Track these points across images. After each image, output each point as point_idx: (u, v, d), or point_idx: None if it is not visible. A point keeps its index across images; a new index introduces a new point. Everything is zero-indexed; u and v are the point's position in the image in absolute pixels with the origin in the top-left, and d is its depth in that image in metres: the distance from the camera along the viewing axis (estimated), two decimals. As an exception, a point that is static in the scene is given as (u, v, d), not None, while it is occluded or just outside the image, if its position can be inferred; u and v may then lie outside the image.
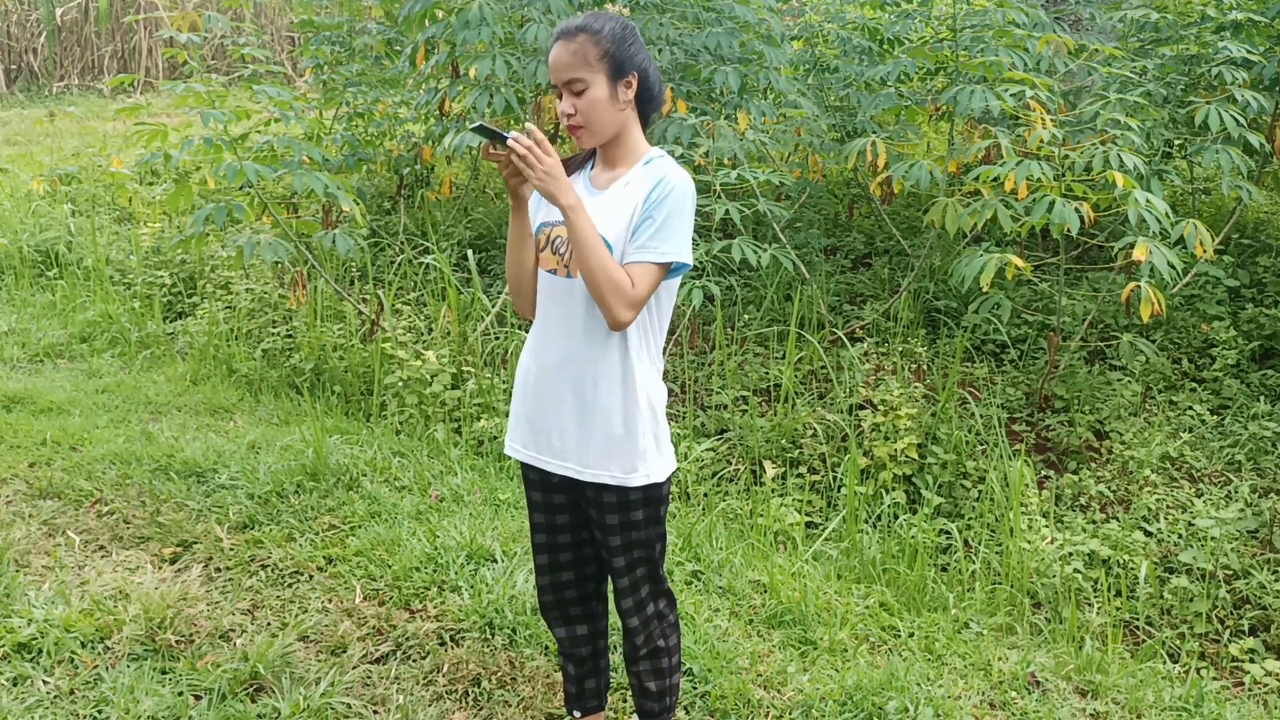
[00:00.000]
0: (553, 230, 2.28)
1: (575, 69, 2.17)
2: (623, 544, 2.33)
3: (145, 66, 18.42)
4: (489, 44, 5.42)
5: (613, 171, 2.29)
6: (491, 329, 5.45)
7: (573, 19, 2.22)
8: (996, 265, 4.42)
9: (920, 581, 3.67)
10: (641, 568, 2.37)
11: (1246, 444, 4.60)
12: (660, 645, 2.46)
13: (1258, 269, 5.99)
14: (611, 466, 2.26)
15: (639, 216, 2.19)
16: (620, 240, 2.20)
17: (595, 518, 2.35)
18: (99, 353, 5.92)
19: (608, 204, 2.24)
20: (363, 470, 4.18)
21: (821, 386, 5.19)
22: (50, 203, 8.41)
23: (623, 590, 2.40)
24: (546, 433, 2.31)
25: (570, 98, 2.19)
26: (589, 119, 2.20)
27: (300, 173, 4.98)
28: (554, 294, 2.28)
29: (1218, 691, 3.21)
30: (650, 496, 2.30)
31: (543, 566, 2.48)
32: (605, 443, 2.25)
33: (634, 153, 2.28)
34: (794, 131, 6.05)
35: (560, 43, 2.18)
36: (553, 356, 2.29)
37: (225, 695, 2.82)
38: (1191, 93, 5.77)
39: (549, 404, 2.30)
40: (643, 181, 2.22)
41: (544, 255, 2.29)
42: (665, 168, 2.23)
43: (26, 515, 3.83)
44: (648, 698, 2.51)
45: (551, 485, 2.39)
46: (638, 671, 2.49)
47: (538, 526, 2.45)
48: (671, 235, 2.15)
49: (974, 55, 5.41)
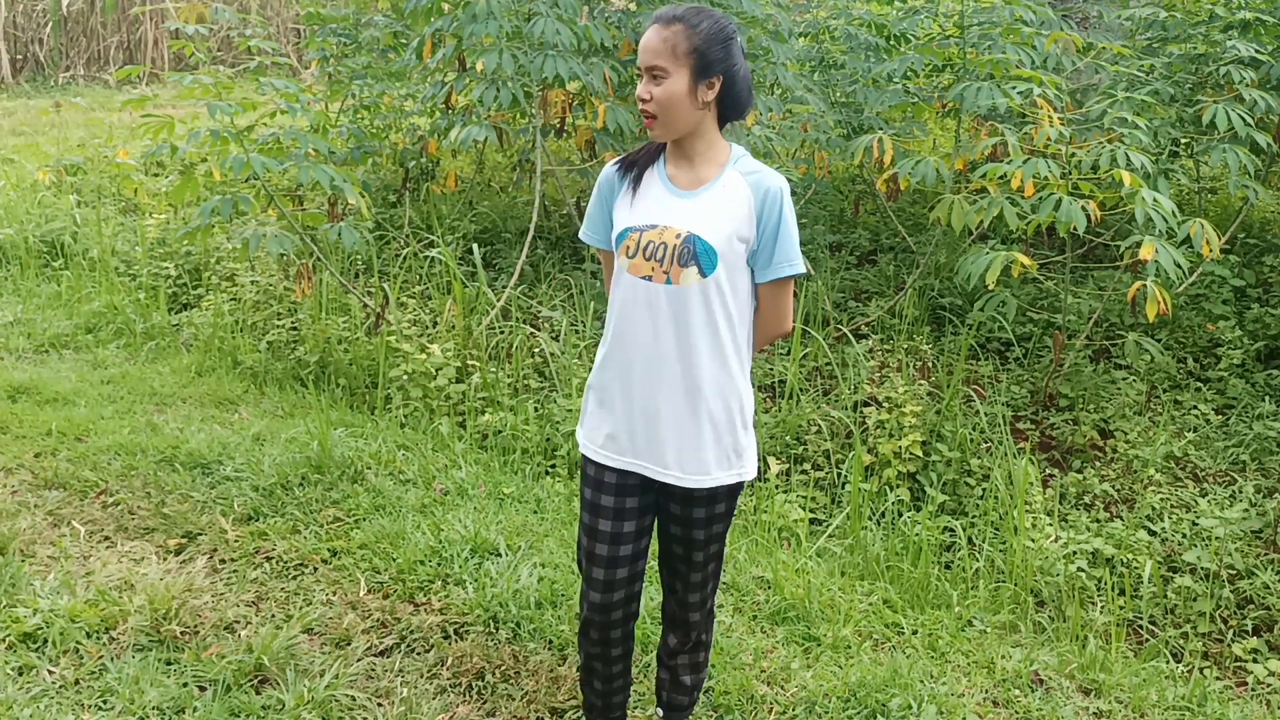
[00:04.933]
0: (643, 235, 2.20)
1: (661, 56, 2.13)
2: (705, 539, 2.36)
3: (151, 58, 18.42)
4: (496, 38, 5.42)
5: (694, 172, 2.23)
6: (496, 323, 5.45)
7: (676, 7, 2.17)
8: (1003, 263, 4.42)
9: (924, 579, 3.67)
10: (714, 563, 2.42)
11: (1251, 444, 4.59)
12: (704, 639, 2.52)
13: (1263, 269, 5.98)
14: (713, 469, 2.25)
15: (764, 230, 2.19)
16: (724, 246, 2.17)
17: (680, 515, 2.34)
18: (104, 344, 5.92)
19: (704, 208, 2.19)
20: (367, 463, 4.18)
21: (826, 383, 5.18)
22: (56, 193, 8.41)
23: (694, 585, 2.43)
24: (643, 439, 2.26)
25: (649, 84, 2.15)
26: (663, 110, 2.15)
27: (306, 165, 4.97)
28: (647, 300, 2.20)
29: (1221, 691, 3.21)
30: (736, 493, 2.34)
31: (597, 581, 2.37)
32: (708, 446, 2.24)
33: (716, 153, 2.23)
34: (800, 127, 6.05)
35: (656, 27, 2.14)
36: (646, 362, 2.23)
37: (230, 687, 2.82)
38: (1199, 92, 5.75)
39: (642, 410, 2.25)
40: (742, 186, 2.19)
41: (634, 261, 2.21)
42: (764, 173, 2.21)
43: (32, 505, 3.84)
44: (680, 691, 2.55)
45: (628, 490, 2.32)
46: (675, 665, 2.53)
47: (601, 535, 2.34)
48: (796, 243, 2.22)
49: (981, 52, 5.40)
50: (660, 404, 2.23)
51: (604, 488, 2.32)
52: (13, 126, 12.87)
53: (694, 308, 2.18)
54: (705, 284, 2.17)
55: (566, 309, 5.64)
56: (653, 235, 2.19)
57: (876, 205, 7.16)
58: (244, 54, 15.36)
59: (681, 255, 2.16)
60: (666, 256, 2.17)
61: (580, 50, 5.75)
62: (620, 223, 2.26)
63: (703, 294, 2.18)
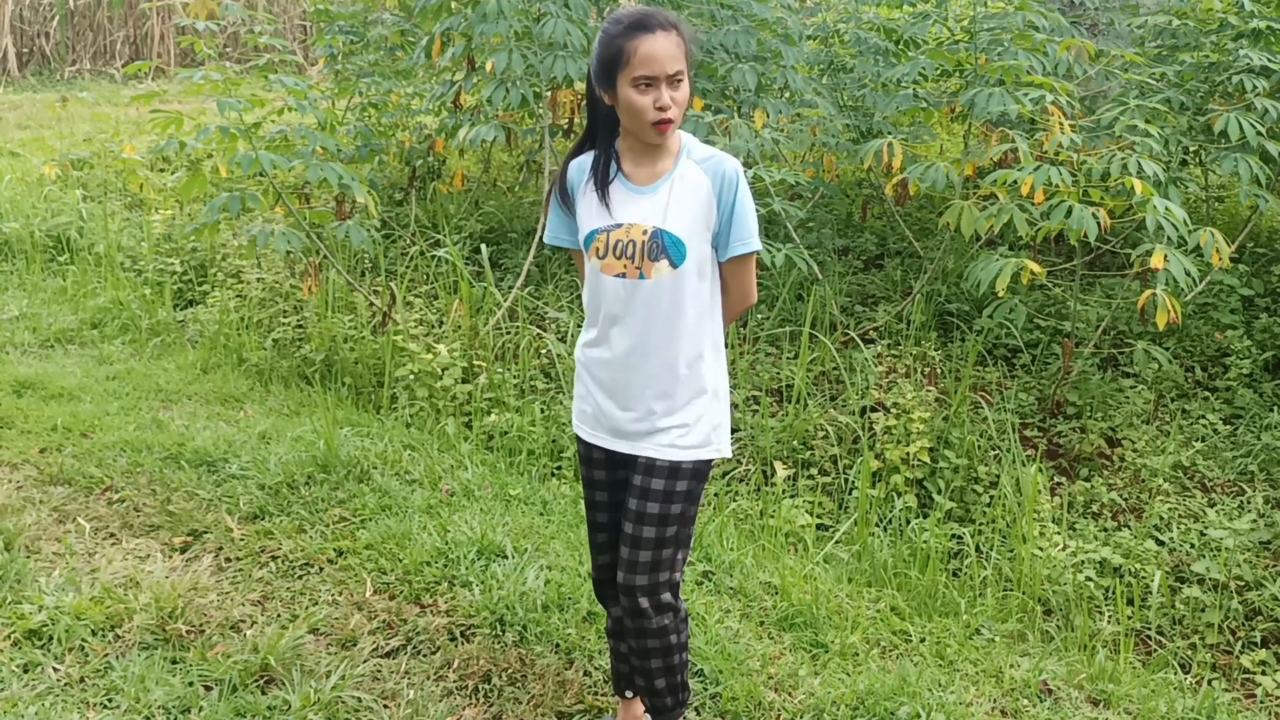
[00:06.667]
0: (610, 235, 2.29)
1: (680, 61, 2.18)
2: (659, 514, 2.36)
3: (157, 53, 18.43)
4: (505, 37, 5.40)
5: (652, 166, 2.30)
6: (503, 323, 5.43)
7: (658, 11, 2.20)
8: (1013, 270, 4.41)
9: (931, 586, 3.65)
10: (670, 548, 2.42)
11: (1259, 454, 4.58)
12: (654, 629, 2.46)
13: (1272, 278, 5.96)
14: (681, 442, 2.32)
15: (723, 212, 2.27)
16: (692, 236, 2.26)
17: (639, 485, 2.37)
18: (110, 339, 5.91)
19: (665, 202, 2.26)
20: (373, 463, 4.17)
21: (833, 388, 5.17)
22: (62, 188, 8.40)
23: (641, 565, 2.41)
24: (622, 420, 2.37)
25: (669, 90, 2.18)
26: (682, 113, 2.22)
27: (315, 163, 4.97)
28: (623, 296, 2.30)
29: (1230, 703, 3.20)
30: (701, 473, 2.38)
31: (602, 545, 2.53)
32: (680, 422, 2.32)
33: (671, 144, 2.30)
34: (809, 131, 6.03)
35: (662, 34, 2.16)
36: (626, 352, 2.33)
37: (236, 686, 2.81)
38: (1210, 100, 5.74)
39: (623, 394, 2.36)
40: (699, 175, 2.27)
41: (605, 261, 2.30)
42: (717, 157, 2.28)
43: (37, 501, 3.83)
44: (654, 695, 2.56)
45: (616, 463, 2.44)
46: (628, 651, 2.55)
47: (599, 505, 2.50)
48: (752, 221, 2.30)
49: (992, 58, 5.38)
50: (641, 386, 2.33)
51: (594, 463, 2.48)
52: (19, 120, 12.87)
53: (668, 298, 2.28)
54: (677, 274, 2.27)
55: (573, 310, 5.62)
56: (619, 234, 2.28)
57: (884, 209, 7.15)
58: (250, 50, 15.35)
59: (651, 250, 2.26)
60: (636, 253, 2.26)
61: (589, 51, 5.73)
62: (585, 225, 2.35)
63: (675, 284, 2.28)
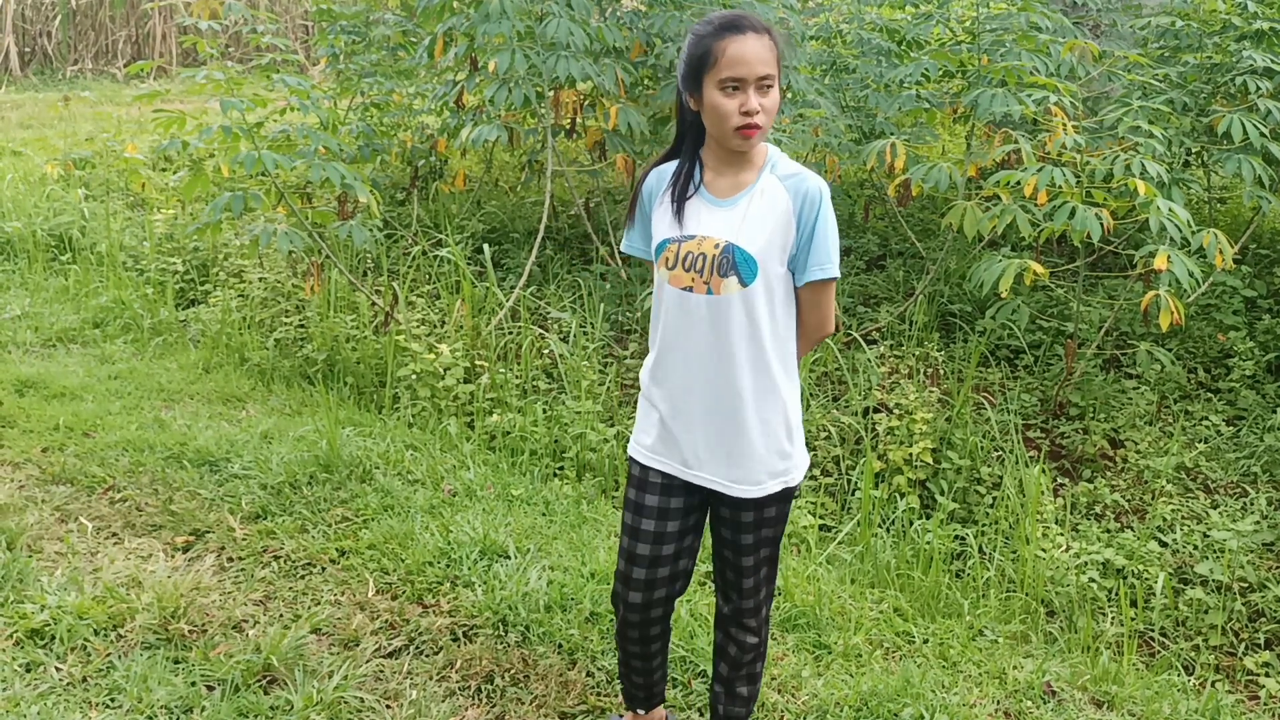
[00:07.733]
0: (681, 246, 2.20)
1: (771, 66, 2.10)
2: (754, 544, 2.34)
3: (159, 52, 18.43)
4: (508, 37, 5.40)
5: (734, 177, 2.21)
6: (505, 324, 5.43)
7: (746, 13, 2.13)
8: (1016, 270, 4.40)
9: (935, 587, 3.65)
10: (766, 568, 2.40)
11: (1263, 456, 4.57)
12: (761, 649, 2.49)
13: (1274, 279, 5.95)
14: (760, 476, 2.25)
15: (802, 233, 2.16)
16: (766, 254, 2.16)
17: (729, 519, 2.33)
18: (111, 338, 5.91)
19: (741, 217, 2.17)
20: (375, 463, 4.16)
21: (836, 388, 5.16)
22: (64, 187, 8.40)
23: (748, 591, 2.40)
24: (689, 446, 2.27)
25: (757, 95, 2.10)
26: (769, 119, 2.12)
27: (317, 163, 4.96)
28: (692, 311, 2.20)
29: (1233, 705, 3.19)
30: (787, 498, 2.32)
31: (638, 582, 2.39)
32: (754, 454, 2.24)
33: (756, 155, 2.21)
34: (812, 131, 6.02)
35: (753, 35, 2.09)
36: (690, 371, 2.24)
37: (238, 686, 2.81)
38: (1213, 101, 5.73)
39: (688, 418, 2.26)
40: (780, 192, 2.17)
41: (674, 273, 2.21)
42: (802, 175, 2.18)
43: (39, 500, 3.83)
44: (737, 703, 2.53)
45: (673, 491, 2.32)
46: (733, 679, 2.50)
47: (643, 535, 2.35)
48: (833, 246, 2.19)
49: (995, 59, 5.37)
50: (706, 413, 2.24)
51: (648, 487, 2.33)
52: (21, 120, 12.87)
53: (735, 317, 2.18)
54: (746, 293, 2.16)
55: (575, 310, 5.62)
56: (691, 246, 2.19)
57: (886, 210, 7.14)
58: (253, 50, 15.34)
59: (721, 265, 2.15)
60: (706, 267, 2.16)
61: (592, 51, 5.74)
62: (658, 234, 2.26)
63: (744, 303, 2.17)
